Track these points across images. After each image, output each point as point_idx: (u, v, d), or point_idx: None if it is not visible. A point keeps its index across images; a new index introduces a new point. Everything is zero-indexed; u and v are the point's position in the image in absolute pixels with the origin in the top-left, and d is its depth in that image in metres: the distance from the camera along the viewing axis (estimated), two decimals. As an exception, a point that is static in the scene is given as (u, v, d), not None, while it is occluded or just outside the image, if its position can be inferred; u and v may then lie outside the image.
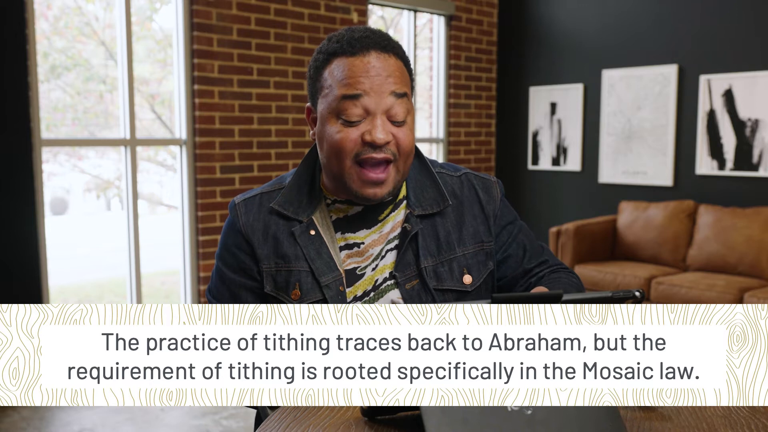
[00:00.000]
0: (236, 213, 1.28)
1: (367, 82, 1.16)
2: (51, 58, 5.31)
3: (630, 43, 5.13)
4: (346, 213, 1.26)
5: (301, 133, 4.60)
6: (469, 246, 1.28)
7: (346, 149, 1.17)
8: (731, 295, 4.03)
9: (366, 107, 1.16)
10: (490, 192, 1.32)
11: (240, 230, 1.26)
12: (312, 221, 1.24)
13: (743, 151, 4.63)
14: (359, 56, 1.17)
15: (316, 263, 1.22)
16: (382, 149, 1.17)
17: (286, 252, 1.23)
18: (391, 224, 1.26)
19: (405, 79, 1.21)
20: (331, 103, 1.18)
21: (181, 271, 4.29)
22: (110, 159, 6.91)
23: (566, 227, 4.84)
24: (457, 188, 1.31)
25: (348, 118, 1.16)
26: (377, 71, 1.16)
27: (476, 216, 1.30)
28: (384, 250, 1.25)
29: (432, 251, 1.25)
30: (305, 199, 1.26)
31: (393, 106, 1.17)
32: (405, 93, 1.19)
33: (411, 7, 5.26)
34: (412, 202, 1.27)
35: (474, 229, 1.29)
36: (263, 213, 1.26)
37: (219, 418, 3.23)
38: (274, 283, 1.24)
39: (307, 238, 1.23)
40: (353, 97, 1.16)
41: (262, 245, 1.25)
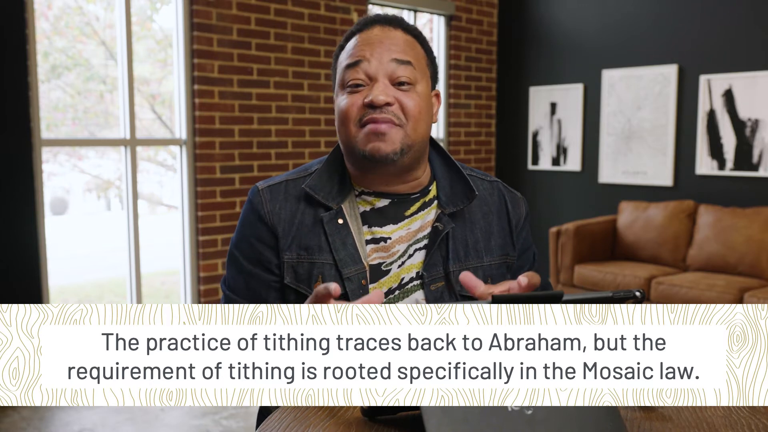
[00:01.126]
0: (260, 200, 1.23)
1: (367, 49, 1.18)
2: (51, 57, 5.31)
3: (630, 43, 5.13)
4: (373, 205, 1.23)
5: (301, 133, 4.60)
6: (496, 256, 1.27)
7: (351, 114, 1.17)
8: (731, 295, 4.03)
9: (367, 72, 1.17)
10: (517, 208, 1.32)
11: (263, 218, 1.22)
12: (341, 210, 1.21)
13: (743, 151, 4.63)
14: (365, 30, 1.21)
15: (340, 254, 1.18)
16: (383, 110, 1.15)
17: (310, 243, 1.20)
18: (420, 223, 1.24)
19: (412, 51, 1.20)
20: (339, 77, 1.21)
21: (181, 271, 4.29)
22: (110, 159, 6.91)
23: (566, 227, 4.84)
24: (488, 194, 1.30)
25: (352, 85, 1.18)
26: (379, 39, 1.19)
27: (503, 227, 1.29)
28: (412, 249, 1.23)
29: (460, 257, 1.23)
30: (336, 186, 1.23)
31: (395, 70, 1.17)
32: (408, 61, 1.18)
33: (411, 7, 5.26)
34: (443, 201, 1.24)
35: (502, 241, 1.28)
36: (290, 200, 1.23)
37: (219, 418, 3.23)
38: (295, 275, 1.20)
39: (334, 227, 1.20)
40: (354, 64, 1.18)
41: (287, 235, 1.21)
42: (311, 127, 4.65)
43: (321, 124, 4.70)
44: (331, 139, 4.76)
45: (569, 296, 0.85)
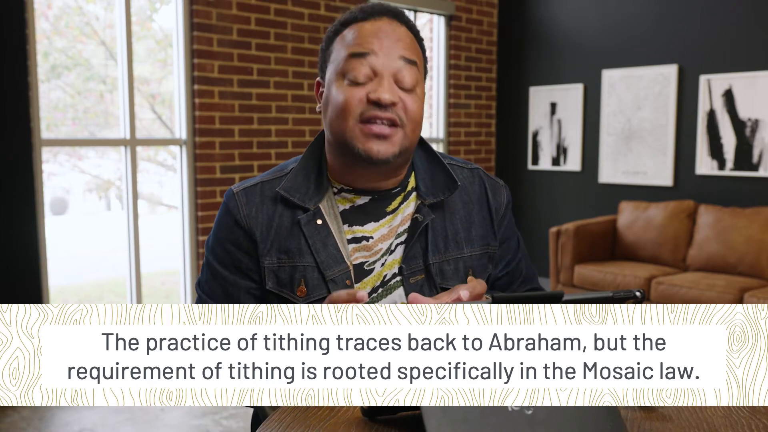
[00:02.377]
0: (235, 204, 1.19)
1: (376, 42, 1.13)
2: (51, 57, 5.31)
3: (630, 43, 5.13)
4: (353, 203, 1.20)
5: (301, 133, 4.60)
6: (476, 247, 1.24)
7: (351, 108, 1.12)
8: (731, 295, 4.03)
9: (373, 66, 1.12)
10: (498, 195, 1.29)
11: (239, 223, 1.17)
12: (319, 210, 1.17)
13: (743, 151, 4.63)
14: (370, 20, 1.15)
15: (321, 255, 1.15)
16: (388, 109, 1.11)
17: (290, 246, 1.16)
18: (401, 217, 1.21)
19: (416, 50, 1.18)
20: (339, 64, 1.14)
21: (181, 271, 4.29)
22: (110, 159, 6.91)
23: (566, 227, 4.84)
24: (468, 182, 1.27)
25: (355, 77, 1.12)
26: (387, 34, 1.14)
27: (484, 217, 1.26)
28: (393, 245, 1.19)
29: (440, 248, 1.20)
30: (312, 186, 1.18)
31: (401, 69, 1.13)
32: (415, 61, 1.15)
33: (411, 7, 5.26)
34: (422, 191, 1.21)
35: (483, 231, 1.25)
36: (266, 203, 1.18)
37: (219, 418, 3.23)
38: (276, 280, 1.17)
39: (313, 228, 1.16)
40: (361, 55, 1.12)
41: (265, 239, 1.17)
42: (311, 127, 4.65)
43: (321, 124, 4.69)
44: (331, 139, 4.76)
45: (569, 296, 0.86)
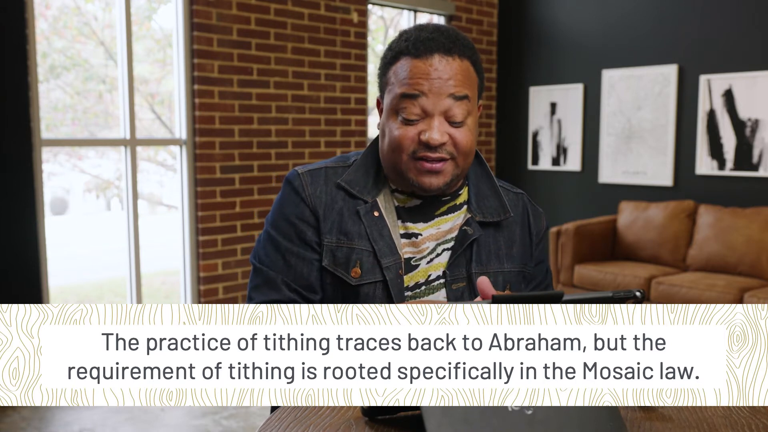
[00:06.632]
0: (301, 183, 1.27)
1: (426, 84, 1.18)
2: (50, 58, 5.31)
3: (630, 43, 5.13)
4: (404, 204, 1.28)
5: (301, 133, 4.60)
6: (515, 265, 1.32)
7: (404, 146, 1.20)
8: (731, 295, 4.03)
9: (424, 107, 1.19)
10: (538, 222, 1.38)
11: (305, 200, 1.26)
12: (376, 203, 1.26)
13: (743, 151, 4.63)
14: (422, 58, 1.19)
15: (378, 244, 1.23)
16: (437, 150, 1.19)
17: (350, 229, 1.24)
18: (450, 224, 1.29)
19: (468, 81, 1.21)
20: (393, 101, 1.22)
21: (181, 271, 4.29)
22: (110, 159, 6.91)
23: (566, 227, 4.84)
24: (513, 205, 1.35)
25: (407, 116, 1.19)
26: (438, 74, 1.18)
27: (524, 239, 1.35)
28: (440, 248, 1.27)
29: (483, 261, 1.28)
30: (371, 181, 1.28)
31: (451, 107, 1.19)
32: (465, 95, 1.20)
33: (411, 7, 5.26)
34: (474, 207, 1.30)
35: (522, 251, 1.33)
36: (329, 186, 1.27)
37: (219, 418, 3.23)
38: (333, 258, 1.24)
39: (371, 219, 1.24)
40: (412, 96, 1.19)
41: (327, 218, 1.25)
42: (311, 127, 4.65)
43: (321, 124, 4.70)
44: (331, 139, 4.76)
45: (569, 296, 0.85)
